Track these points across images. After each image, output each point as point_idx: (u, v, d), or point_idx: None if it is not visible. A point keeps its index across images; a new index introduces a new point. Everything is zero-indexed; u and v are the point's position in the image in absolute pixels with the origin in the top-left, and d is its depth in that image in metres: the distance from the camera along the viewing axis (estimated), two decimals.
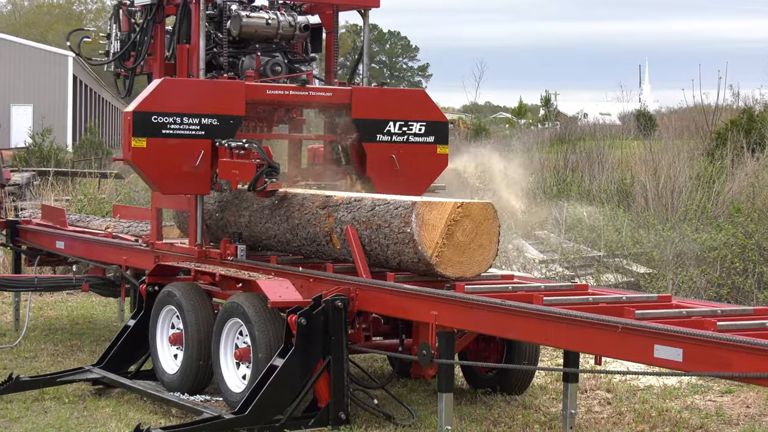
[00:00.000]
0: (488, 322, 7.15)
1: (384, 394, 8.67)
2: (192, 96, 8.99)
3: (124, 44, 10.22)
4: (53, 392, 9.15)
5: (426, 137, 9.71)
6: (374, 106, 9.56)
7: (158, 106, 8.90)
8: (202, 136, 8.98)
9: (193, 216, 9.46)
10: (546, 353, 10.81)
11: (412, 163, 9.65)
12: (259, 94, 9.26)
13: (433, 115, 9.77)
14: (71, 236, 11.68)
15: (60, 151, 37.15)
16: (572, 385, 7.99)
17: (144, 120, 8.85)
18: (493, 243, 7.93)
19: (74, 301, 14.42)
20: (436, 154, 9.76)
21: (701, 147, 22.74)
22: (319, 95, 9.45)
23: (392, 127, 9.59)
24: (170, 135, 8.91)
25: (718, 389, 9.48)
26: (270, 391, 7.73)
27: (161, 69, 9.89)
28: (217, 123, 9.02)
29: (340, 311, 7.84)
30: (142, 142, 8.86)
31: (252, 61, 9.58)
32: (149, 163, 8.91)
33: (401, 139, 9.62)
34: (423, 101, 9.81)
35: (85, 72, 58.17)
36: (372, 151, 9.55)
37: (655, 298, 7.47)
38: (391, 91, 9.85)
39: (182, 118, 8.93)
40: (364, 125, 9.53)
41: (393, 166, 9.56)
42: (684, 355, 6.03)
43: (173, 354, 9.05)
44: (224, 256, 9.11)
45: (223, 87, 9.12)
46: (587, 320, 6.50)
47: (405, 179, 9.56)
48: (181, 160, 8.95)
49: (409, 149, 9.65)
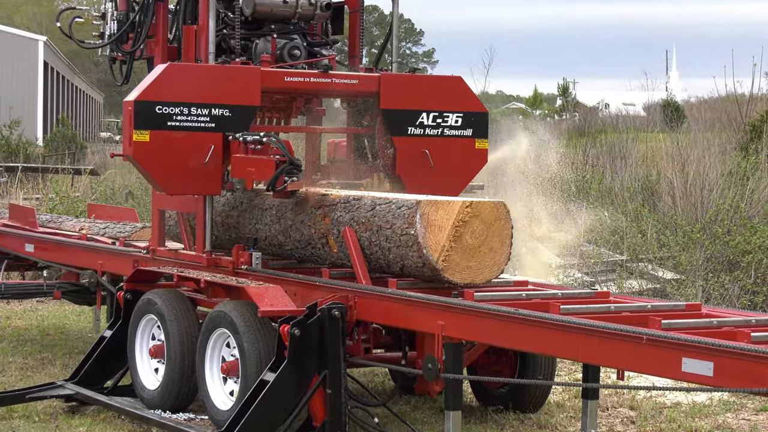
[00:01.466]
0: (500, 333, 7.16)
1: (385, 412, 8.68)
2: (201, 83, 8.71)
3: (121, 25, 9.96)
4: (22, 410, 9.16)
5: (463, 130, 9.42)
6: (405, 94, 9.27)
7: (163, 94, 8.63)
8: (213, 129, 8.72)
9: (201, 219, 9.16)
10: (563, 367, 10.83)
11: (448, 160, 9.34)
12: (276, 82, 8.96)
13: (470, 105, 9.47)
14: (42, 238, 11.70)
15: (29, 145, 37.24)
16: (592, 402, 8.00)
17: (147, 110, 8.58)
18: (505, 246, 7.94)
19: (45, 309, 14.44)
20: (474, 150, 9.46)
21: (734, 140, 22.76)
22: (344, 83, 9.15)
23: (425, 119, 9.31)
24: (176, 127, 8.64)
25: (752, 407, 9.49)
26: (260, 409, 7.74)
27: (164, 53, 9.68)
28: (229, 114, 8.75)
29: (337, 321, 7.85)
30: (144, 135, 8.59)
31: (267, 44, 9.29)
32: (152, 160, 8.65)
33: (435, 132, 9.35)
34: (460, 89, 9.49)
35: (57, 58, 58.25)
36: (402, 145, 9.27)
37: (683, 306, 7.48)
38: (424, 78, 9.57)
39: (190, 109, 8.66)
40: (394, 116, 9.26)
41: (426, 162, 9.27)
42: (715, 369, 6.04)
43: (154, 368, 9.06)
44: (237, 264, 8.85)
45: (237, 73, 8.83)
46: (609, 331, 6.51)
47: (439, 178, 9.27)
48: (189, 155, 8.68)
49: (444, 144, 9.36)
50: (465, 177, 9.49)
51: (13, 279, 14.27)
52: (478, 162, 9.51)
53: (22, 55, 51.47)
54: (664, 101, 39.20)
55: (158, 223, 9.79)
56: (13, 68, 50.87)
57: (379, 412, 8.53)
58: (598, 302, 7.57)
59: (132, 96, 8.67)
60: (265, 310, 8.02)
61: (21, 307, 14.55)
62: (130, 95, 8.72)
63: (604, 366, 7.54)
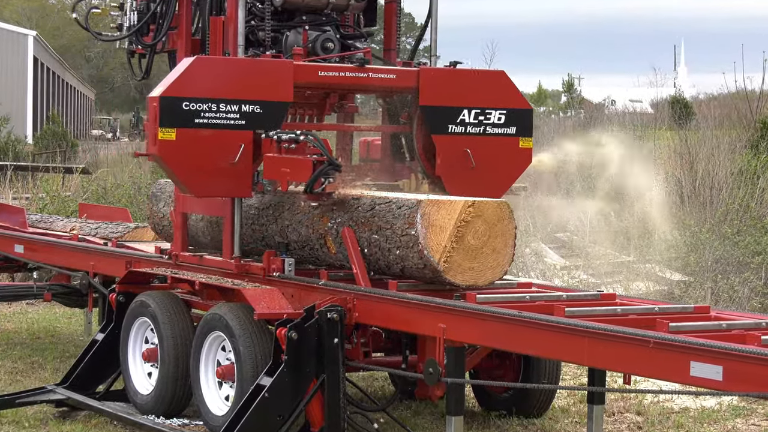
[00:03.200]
0: (503, 336, 7.17)
1: (385, 418, 8.69)
2: (230, 78, 8.43)
3: (142, 16, 9.65)
4: (11, 415, 9.16)
5: (506, 128, 9.10)
6: (446, 90, 8.96)
7: (190, 90, 8.33)
8: (242, 127, 8.43)
9: (229, 223, 8.85)
10: (568, 371, 10.83)
11: (490, 160, 9.02)
12: (309, 76, 8.66)
13: (514, 102, 9.15)
14: (32, 239, 11.70)
15: (19, 143, 37.24)
16: (598, 407, 8.00)
17: (173, 107, 8.28)
18: (508, 247, 7.94)
19: (35, 312, 14.44)
20: (518, 149, 9.13)
21: (744, 138, 22.74)
22: (381, 78, 8.84)
23: (467, 116, 8.99)
24: (204, 125, 8.34)
25: (762, 412, 9.50)
26: (256, 414, 7.74)
27: (187, 46, 9.39)
28: (260, 110, 8.46)
29: (336, 324, 7.85)
30: (170, 133, 8.30)
31: (298, 36, 9.02)
32: (179, 159, 8.36)
33: (477, 130, 9.02)
34: (503, 84, 9.16)
35: (47, 53, 58.25)
36: (443, 144, 8.93)
37: (691, 309, 7.49)
38: (466, 72, 9.16)
39: (219, 105, 8.37)
40: (434, 114, 8.94)
41: (467, 162, 8.95)
42: (724, 374, 6.05)
43: (147, 372, 9.07)
44: (269, 271, 8.60)
45: (268, 67, 8.52)
46: (615, 334, 6.52)
47: (481, 179, 8.97)
48: (217, 155, 8.39)
49: (487, 142, 9.03)
50: (508, 178, 9.20)
51: (2, 281, 14.28)
52: (522, 162, 9.23)
53: (11, 51, 51.47)
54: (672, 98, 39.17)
55: (181, 227, 9.47)
56: (2, 64, 50.87)
57: (379, 417, 8.54)
58: (604, 304, 7.58)
59: (157, 91, 8.41)
60: (261, 312, 8.02)
61: (10, 309, 14.55)
62: (154, 90, 8.45)
63: (610, 370, 7.55)
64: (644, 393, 9.41)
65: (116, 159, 33.29)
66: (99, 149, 41.40)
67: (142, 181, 20.91)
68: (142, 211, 15.71)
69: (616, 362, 6.67)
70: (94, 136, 64.24)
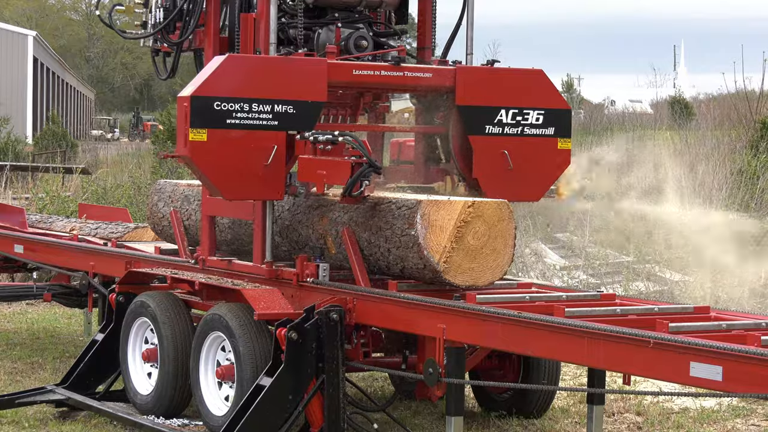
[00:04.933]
0: (503, 337, 7.16)
1: (385, 418, 8.68)
2: (263, 77, 8.15)
3: (168, 13, 9.41)
4: (11, 415, 9.16)
5: (545, 129, 8.83)
6: (483, 89, 8.67)
7: (222, 89, 8.05)
8: (275, 128, 8.15)
9: (260, 227, 8.59)
10: (568, 371, 10.83)
11: (528, 161, 8.76)
12: (343, 75, 8.38)
13: (552, 102, 8.89)
14: (31, 239, 11.70)
15: (19, 143, 37.25)
16: (598, 408, 8.00)
17: (205, 107, 8.01)
18: (508, 247, 7.94)
19: (35, 312, 14.43)
20: (556, 150, 8.86)
21: (744, 138, 22.75)
22: (417, 77, 8.57)
23: (504, 116, 8.71)
24: (236, 125, 8.07)
25: (762, 412, 9.49)
26: (256, 414, 7.74)
27: (215, 44, 9.14)
28: (293, 111, 8.18)
29: (336, 324, 7.85)
30: (201, 134, 8.03)
31: (330, 34, 8.79)
32: (210, 161, 8.07)
33: (515, 131, 8.74)
34: (541, 84, 8.89)
35: (47, 53, 58.27)
36: (480, 145, 8.65)
37: (691, 309, 7.49)
38: (504, 71, 8.86)
39: (251, 105, 8.09)
40: (471, 114, 8.65)
41: (505, 164, 8.68)
42: (724, 374, 6.04)
43: (147, 372, 9.07)
44: (302, 277, 8.35)
45: (301, 66, 8.25)
46: (614, 334, 6.52)
47: (519, 181, 8.73)
48: (250, 156, 8.10)
49: (524, 144, 8.75)
50: (546, 180, 8.94)
51: (2, 281, 14.28)
52: (561, 164, 8.95)
53: (11, 51, 51.48)
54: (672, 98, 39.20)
55: (208, 231, 9.22)
56: (2, 64, 50.88)
57: (378, 417, 8.54)
58: (603, 305, 7.57)
59: (187, 91, 8.13)
60: (261, 313, 8.02)
61: (10, 309, 14.55)
62: (185, 90, 8.20)
63: (610, 370, 7.55)
64: (644, 394, 9.41)
65: (116, 159, 33.34)
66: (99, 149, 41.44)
67: (142, 181, 20.93)
68: (142, 211, 15.71)
69: (616, 362, 6.66)
70: (94, 136, 64.24)
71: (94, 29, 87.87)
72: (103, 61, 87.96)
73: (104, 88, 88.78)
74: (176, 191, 10.18)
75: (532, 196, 8.87)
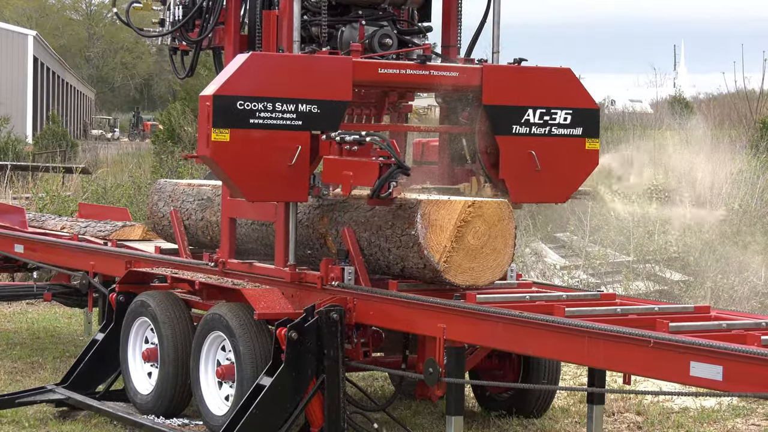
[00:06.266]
0: (503, 337, 7.16)
1: (385, 418, 8.68)
2: (287, 76, 7.95)
3: (187, 11, 9.27)
4: (11, 415, 9.16)
5: (572, 129, 8.63)
6: (510, 89, 8.49)
7: (246, 88, 7.86)
8: (299, 128, 7.96)
9: (283, 229, 8.42)
10: (568, 371, 10.83)
11: (555, 162, 8.57)
12: (369, 74, 8.20)
13: (580, 101, 8.69)
14: (32, 239, 11.70)
15: (19, 143, 37.24)
16: (598, 407, 8.00)
17: (228, 106, 7.82)
18: (508, 247, 7.94)
19: (35, 312, 14.44)
20: (584, 151, 8.67)
21: (744, 138, 22.76)
22: (443, 75, 8.36)
23: (531, 116, 8.53)
24: (259, 125, 7.88)
25: (762, 412, 9.49)
26: (256, 414, 7.74)
27: (236, 42, 9.01)
28: (317, 110, 7.99)
29: (336, 324, 7.85)
30: (224, 134, 7.83)
31: (353, 32, 8.61)
32: (233, 162, 7.87)
33: (542, 131, 8.55)
34: (569, 83, 8.70)
35: (47, 53, 58.27)
36: (507, 146, 8.46)
37: (691, 309, 7.49)
38: (531, 69, 8.66)
39: (275, 104, 7.91)
40: (498, 113, 8.46)
41: (533, 165, 8.49)
42: (724, 374, 6.04)
43: (147, 372, 9.07)
44: (327, 280, 8.19)
45: (326, 65, 8.05)
46: (614, 334, 6.52)
47: (546, 182, 8.57)
48: (273, 157, 7.92)
49: (552, 144, 8.57)
50: (574, 181, 8.75)
51: (2, 281, 14.27)
52: (589, 164, 8.77)
53: (11, 51, 51.48)
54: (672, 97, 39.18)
55: (229, 233, 9.05)
56: (2, 64, 50.89)
57: (378, 417, 8.54)
58: (603, 304, 7.58)
59: (210, 90, 7.95)
60: (261, 312, 8.01)
61: (10, 309, 14.55)
62: (207, 89, 8.02)
63: (610, 370, 7.55)
64: (644, 393, 9.41)
65: (116, 159, 33.34)
66: (99, 149, 41.43)
67: (142, 180, 20.93)
68: (142, 211, 15.69)
69: (616, 362, 6.66)
70: (94, 135, 64.24)
71: (94, 29, 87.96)
72: (103, 61, 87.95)
73: (104, 87, 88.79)
74: (176, 191, 10.19)
75: (559, 198, 8.73)
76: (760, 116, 25.14)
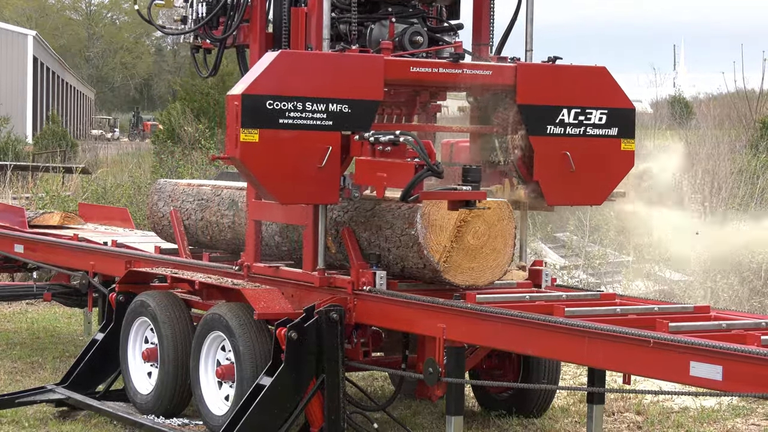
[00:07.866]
0: (503, 337, 7.17)
1: (385, 418, 8.68)
2: (317, 75, 7.73)
3: (211, 8, 9.06)
4: (11, 415, 9.16)
5: (608, 129, 8.44)
6: (545, 88, 8.30)
7: (275, 87, 7.65)
8: (330, 128, 7.75)
9: (312, 232, 8.18)
10: (568, 371, 10.83)
11: (590, 163, 8.38)
12: (400, 73, 8.00)
13: (616, 101, 8.50)
14: (31, 239, 11.70)
15: (19, 143, 37.22)
16: (598, 407, 8.00)
17: (257, 106, 7.60)
18: (508, 247, 7.94)
19: (35, 312, 14.43)
20: (619, 151, 8.49)
21: (744, 138, 22.76)
22: (476, 74, 8.18)
23: (566, 116, 8.34)
24: (289, 126, 7.66)
25: (762, 412, 9.49)
26: (256, 414, 7.74)
27: (262, 40, 8.79)
28: (348, 110, 7.78)
29: (336, 324, 7.85)
30: (253, 135, 7.61)
31: (383, 29, 8.40)
32: (262, 163, 7.66)
33: (577, 131, 8.36)
34: (604, 82, 8.49)
35: (47, 53, 58.25)
36: (541, 147, 8.25)
37: (691, 309, 7.49)
38: (566, 68, 8.46)
39: (305, 104, 7.70)
40: (533, 113, 8.26)
41: (567, 166, 8.30)
42: (724, 374, 6.05)
43: (147, 372, 9.07)
44: (358, 285, 7.98)
45: (357, 63, 7.84)
46: (614, 334, 6.52)
47: (581, 183, 8.38)
48: (303, 158, 7.71)
49: (587, 145, 8.37)
50: (609, 182, 8.55)
51: (2, 281, 14.27)
52: (624, 165, 8.56)
53: (11, 51, 51.44)
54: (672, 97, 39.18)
55: (254, 236, 8.80)
56: (2, 64, 50.86)
57: (378, 417, 8.54)
58: (603, 304, 7.58)
59: (238, 89, 7.73)
60: (261, 312, 8.01)
61: (10, 309, 14.54)
62: (235, 88, 7.80)
63: (610, 370, 7.55)
64: (644, 393, 9.41)
65: (116, 159, 33.33)
66: (99, 149, 41.42)
67: (142, 180, 20.92)
68: (142, 211, 15.69)
69: (616, 362, 6.67)
70: (94, 135, 64.21)
71: (94, 29, 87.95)
72: (102, 61, 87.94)
73: (104, 87, 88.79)
74: (176, 191, 10.19)
75: (595, 200, 8.57)
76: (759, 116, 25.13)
